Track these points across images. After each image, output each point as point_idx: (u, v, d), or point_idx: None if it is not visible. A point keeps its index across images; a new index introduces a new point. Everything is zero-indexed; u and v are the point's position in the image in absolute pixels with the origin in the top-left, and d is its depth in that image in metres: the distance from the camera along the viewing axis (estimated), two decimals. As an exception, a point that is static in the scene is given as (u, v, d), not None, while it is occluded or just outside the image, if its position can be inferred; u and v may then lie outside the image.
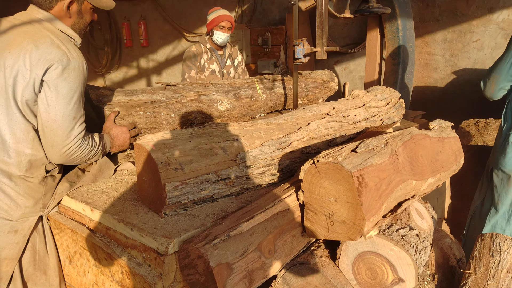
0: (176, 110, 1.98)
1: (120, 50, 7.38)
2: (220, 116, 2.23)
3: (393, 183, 1.18)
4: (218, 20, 3.25)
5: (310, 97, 2.89)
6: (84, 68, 1.46)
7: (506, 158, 2.27)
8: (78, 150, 1.46)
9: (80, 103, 1.46)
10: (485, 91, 2.33)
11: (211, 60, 3.36)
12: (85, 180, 1.56)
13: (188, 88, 2.15)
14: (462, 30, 4.26)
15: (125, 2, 6.94)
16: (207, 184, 1.32)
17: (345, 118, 1.85)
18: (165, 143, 1.31)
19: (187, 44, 6.52)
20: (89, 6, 1.57)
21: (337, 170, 1.07)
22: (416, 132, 1.37)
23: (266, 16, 5.56)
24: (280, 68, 5.05)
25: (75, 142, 1.43)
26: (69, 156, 1.44)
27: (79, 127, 1.45)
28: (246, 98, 2.42)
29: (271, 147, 1.50)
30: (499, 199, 2.33)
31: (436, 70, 4.52)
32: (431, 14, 4.39)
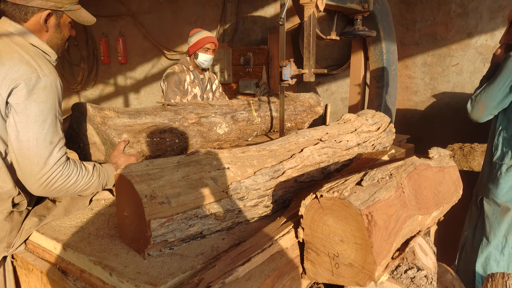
0: (180, 135, 1.92)
1: (96, 67, 7.18)
2: (218, 139, 2.17)
3: (401, 219, 1.09)
4: (203, 42, 3.13)
5: (298, 121, 2.82)
6: (57, 86, 1.31)
7: (498, 189, 2.24)
8: (60, 179, 1.29)
9: (57, 125, 1.30)
10: (471, 114, 2.31)
11: (194, 83, 3.21)
12: (56, 213, 1.40)
13: (189, 109, 2.08)
14: (441, 54, 4.34)
15: (103, 18, 6.80)
16: (196, 220, 1.19)
17: (338, 144, 1.77)
18: (150, 174, 1.18)
19: (167, 62, 6.41)
20: (68, 20, 1.44)
21: (344, 207, 0.97)
22: (419, 162, 1.29)
23: (248, 35, 5.53)
24: (262, 88, 5.00)
25: (55, 169, 1.27)
26: (50, 186, 1.27)
27: (58, 152, 1.29)
28: (243, 121, 2.37)
29: (265, 176, 1.39)
30: (491, 230, 2.29)
31: (416, 93, 4.57)
32: (411, 37, 4.46)
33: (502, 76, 2.13)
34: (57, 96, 1.30)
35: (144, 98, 6.87)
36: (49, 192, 1.30)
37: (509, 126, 2.23)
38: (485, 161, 2.44)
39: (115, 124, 1.67)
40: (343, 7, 2.70)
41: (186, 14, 6.08)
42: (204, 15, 5.90)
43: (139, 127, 1.76)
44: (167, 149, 1.85)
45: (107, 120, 1.65)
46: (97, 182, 1.43)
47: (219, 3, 5.72)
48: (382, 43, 3.12)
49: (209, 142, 2.15)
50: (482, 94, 2.22)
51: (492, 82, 2.17)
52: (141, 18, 6.52)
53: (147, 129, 1.78)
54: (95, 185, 1.43)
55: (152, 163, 1.24)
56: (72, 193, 1.36)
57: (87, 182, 1.38)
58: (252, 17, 5.50)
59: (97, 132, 1.63)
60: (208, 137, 2.11)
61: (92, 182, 1.40)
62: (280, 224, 1.23)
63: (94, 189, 1.44)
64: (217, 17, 5.77)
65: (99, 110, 1.67)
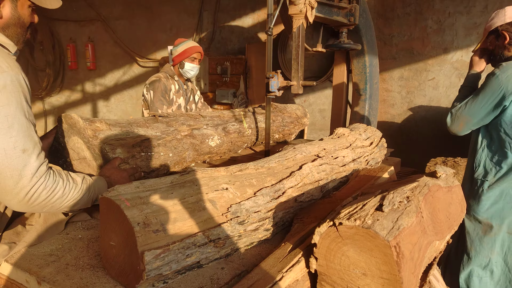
0: (174, 148, 1.80)
1: (63, 73, 6.84)
2: (210, 152, 2.08)
3: (423, 247, 1.00)
4: (190, 52, 3.03)
5: (286, 132, 2.73)
6: (21, 82, 1.12)
7: (480, 206, 2.22)
8: (44, 192, 1.12)
9: (28, 129, 1.12)
10: (451, 127, 2.28)
11: (178, 93, 3.09)
12: (29, 240, 1.22)
13: (180, 120, 1.97)
14: (418, 68, 4.40)
15: (71, 23, 6.50)
16: (194, 249, 1.06)
17: (335, 160, 1.69)
18: (142, 197, 1.04)
19: (140, 69, 6.19)
20: (27, 3, 1.24)
21: (369, 237, 0.87)
22: (431, 183, 1.22)
23: (225, 45, 5.43)
24: (240, 98, 4.89)
25: (36, 181, 1.10)
26: (32, 201, 1.10)
27: (36, 161, 1.11)
28: (234, 133, 2.28)
29: (265, 197, 1.27)
30: (472, 246, 2.27)
31: (393, 106, 4.61)
32: (389, 52, 4.50)
33: (485, 93, 2.10)
34: (22, 94, 1.12)
35: (115, 105, 6.60)
36: (32, 208, 1.13)
37: (492, 143, 2.22)
38: (466, 176, 2.42)
39: (107, 137, 1.52)
40: (330, 19, 2.65)
41: (160, 21, 5.91)
42: (180, 23, 5.76)
43: (133, 141, 1.61)
44: (161, 163, 1.72)
45: (99, 133, 1.49)
46: (87, 197, 1.27)
47: (195, 12, 5.59)
48: (365, 56, 3.10)
49: (200, 155, 2.03)
50: (463, 110, 2.19)
51: (474, 98, 2.14)
52: (112, 24, 6.28)
53: (141, 142, 1.64)
54: (84, 200, 1.27)
55: (143, 185, 1.10)
56: (58, 208, 1.19)
57: (75, 196, 1.22)
58: (229, 27, 5.41)
59: (88, 147, 1.47)
60: (200, 150, 2.01)
61: (81, 197, 1.24)
62: (286, 252, 1.11)
63: (83, 204, 1.28)
64: (193, 26, 5.64)
65: (90, 122, 1.51)
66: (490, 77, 2.11)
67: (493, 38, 2.23)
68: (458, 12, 4.06)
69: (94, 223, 1.42)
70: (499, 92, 2.04)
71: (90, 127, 1.52)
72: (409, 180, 1.25)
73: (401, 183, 1.27)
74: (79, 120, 1.52)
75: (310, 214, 1.35)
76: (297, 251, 1.10)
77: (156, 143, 1.74)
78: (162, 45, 5.89)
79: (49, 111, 7.20)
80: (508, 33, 2.14)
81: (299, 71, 2.35)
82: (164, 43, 5.84)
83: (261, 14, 5.14)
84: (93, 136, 1.50)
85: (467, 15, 4.03)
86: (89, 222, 1.42)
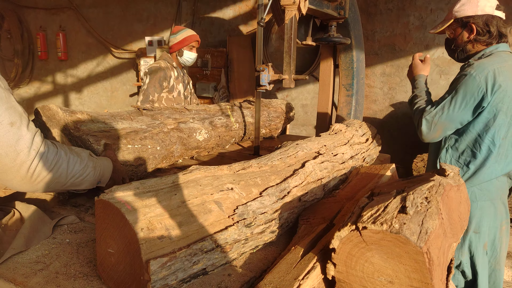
0: (161, 141, 1.71)
1: (32, 63, 6.50)
2: (197, 147, 1.99)
3: (445, 251, 0.95)
4: (189, 40, 3.09)
5: (272, 127, 2.66)
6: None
7: None
8: (46, 164, 1.02)
9: (9, 99, 1.00)
10: (427, 136, 2.00)
11: (177, 80, 3.10)
12: (16, 246, 1.09)
13: (165, 114, 1.88)
14: (400, 65, 4.43)
15: (41, 10, 6.17)
16: (201, 255, 0.97)
17: (335, 157, 1.63)
18: (144, 199, 0.94)
19: (115, 60, 5.95)
20: None
21: (398, 243, 0.81)
22: (445, 182, 1.18)
23: (205, 37, 5.29)
24: (221, 92, 4.78)
25: (35, 154, 1.00)
26: (36, 176, 1.01)
27: (27, 133, 1.00)
28: (221, 127, 2.20)
29: (271, 197, 1.20)
30: None
31: (375, 102, 4.62)
32: (371, 47, 4.51)
33: (465, 96, 1.87)
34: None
35: (88, 98, 6.33)
36: (37, 185, 1.03)
37: (458, 143, 2.05)
38: None
39: (90, 129, 1.40)
40: (320, 11, 2.58)
41: (136, 10, 5.69)
42: (157, 12, 5.56)
43: (118, 133, 1.50)
44: (149, 157, 1.61)
45: (81, 125, 1.37)
46: (93, 174, 1.18)
47: (173, 1, 5.41)
48: (353, 51, 3.06)
49: (188, 150, 1.94)
50: (441, 116, 1.94)
51: (452, 102, 1.90)
52: (85, 12, 6.00)
53: (126, 135, 1.53)
54: (91, 178, 1.17)
55: (143, 185, 1.00)
56: (63, 185, 1.10)
57: (80, 171, 1.12)
58: (209, 18, 5.26)
59: (69, 139, 1.35)
60: (188, 144, 1.91)
61: (87, 173, 1.15)
62: (299, 256, 1.04)
63: (89, 183, 1.18)
64: (171, 16, 5.46)
65: (70, 113, 1.38)
66: (465, 78, 1.88)
67: (457, 27, 2.00)
68: (440, 8, 4.09)
69: (82, 225, 1.30)
70: (478, 93, 1.85)
71: (71, 118, 1.41)
72: (420, 179, 1.21)
73: (412, 182, 1.22)
74: (58, 111, 1.40)
75: (316, 215, 1.29)
76: (310, 255, 1.03)
77: (142, 135, 1.64)
78: (138, 35, 5.68)
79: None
80: (476, 26, 1.93)
81: (291, 64, 2.28)
82: (141, 33, 5.64)
83: (243, 6, 5.03)
84: (74, 128, 1.39)
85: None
86: (76, 224, 1.30)
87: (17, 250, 1.08)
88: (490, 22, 1.91)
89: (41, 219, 1.20)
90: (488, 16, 1.91)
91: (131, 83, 5.87)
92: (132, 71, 5.86)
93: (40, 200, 1.50)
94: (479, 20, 1.92)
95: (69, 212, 1.40)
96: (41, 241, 1.16)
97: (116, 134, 1.52)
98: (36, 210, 1.23)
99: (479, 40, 1.96)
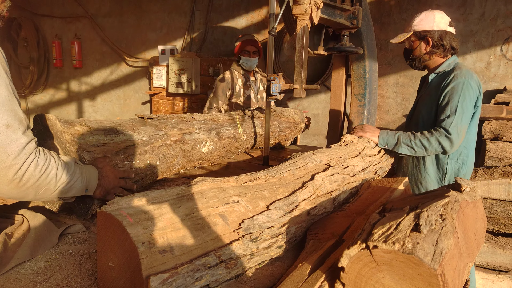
0: (162, 155, 1.66)
1: (47, 70, 6.60)
2: (201, 158, 1.95)
3: (461, 272, 0.90)
4: (242, 46, 3.36)
5: (282, 138, 2.62)
6: (1, 57, 1.02)
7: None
8: (35, 171, 1.01)
9: (11, 103, 1.00)
10: (457, 142, 2.04)
11: (246, 85, 3.39)
12: (21, 256, 1.07)
13: (171, 123, 1.84)
14: (413, 75, 4.36)
15: (57, 19, 6.29)
16: (204, 271, 0.93)
17: (345, 170, 1.59)
18: (146, 212, 0.91)
19: (128, 69, 6.01)
20: None
21: (411, 264, 0.77)
22: (461, 198, 1.13)
23: (217, 46, 5.31)
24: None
25: (25, 158, 0.99)
26: (25, 181, 1.00)
27: (22, 137, 1.00)
28: (228, 138, 2.15)
29: (279, 211, 1.16)
30: None
31: (388, 112, 4.56)
32: (384, 57, 4.46)
33: (466, 100, 2.03)
34: (2, 68, 1.01)
35: (101, 106, 6.39)
36: (24, 190, 1.02)
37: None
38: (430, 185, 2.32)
39: (87, 142, 1.37)
40: (332, 21, 2.56)
41: (150, 19, 5.75)
42: (170, 22, 5.61)
43: (116, 147, 1.46)
44: (147, 172, 1.57)
45: (78, 138, 1.35)
46: (80, 182, 1.17)
47: (187, 11, 5.46)
48: (365, 61, 3.03)
49: (190, 162, 1.90)
50: (461, 120, 2.04)
51: (462, 107, 2.02)
52: (99, 21, 6.09)
53: (125, 149, 1.49)
54: (78, 185, 1.16)
55: (147, 197, 0.97)
56: (52, 192, 1.09)
57: (69, 178, 1.11)
58: (222, 28, 5.29)
59: (65, 153, 1.32)
60: (191, 156, 1.86)
61: (75, 180, 1.14)
62: (306, 274, 1.00)
63: (77, 190, 1.17)
64: (184, 25, 5.50)
65: (68, 125, 1.36)
66: (463, 85, 2.05)
67: (416, 39, 2.26)
68: (455, 19, 4.02)
69: (86, 236, 1.28)
70: (474, 95, 2.07)
71: (69, 130, 1.37)
72: (435, 195, 1.16)
73: (426, 197, 1.17)
74: (56, 122, 1.36)
75: (325, 230, 1.24)
76: (318, 273, 0.99)
77: (142, 149, 1.60)
78: (152, 44, 5.73)
79: (32, 110, 6.94)
80: (432, 40, 2.18)
81: (302, 74, 2.25)
82: (154, 42, 5.69)
83: (255, 15, 5.04)
84: (71, 141, 1.35)
85: (463, 22, 4.00)
86: (81, 234, 1.28)
87: (21, 260, 1.07)
88: (444, 36, 2.17)
89: (47, 227, 1.18)
90: (442, 31, 2.17)
91: (143, 91, 5.91)
92: (145, 79, 5.90)
93: (46, 208, 1.49)
94: (435, 34, 2.18)
95: (75, 221, 1.38)
96: (47, 250, 1.14)
97: (115, 148, 1.47)
98: (42, 219, 1.21)
99: (435, 52, 2.22)
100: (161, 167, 1.66)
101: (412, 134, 2.06)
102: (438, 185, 2.29)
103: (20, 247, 1.10)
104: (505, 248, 2.72)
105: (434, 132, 2.03)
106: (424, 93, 2.34)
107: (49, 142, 1.35)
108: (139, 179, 1.54)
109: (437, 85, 2.21)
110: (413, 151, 2.05)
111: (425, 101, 2.28)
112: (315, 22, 2.21)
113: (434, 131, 2.03)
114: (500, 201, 2.76)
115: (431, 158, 2.27)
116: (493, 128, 3.19)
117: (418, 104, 2.38)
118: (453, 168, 2.24)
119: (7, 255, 1.07)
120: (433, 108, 2.19)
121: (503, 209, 2.75)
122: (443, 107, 2.07)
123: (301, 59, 2.24)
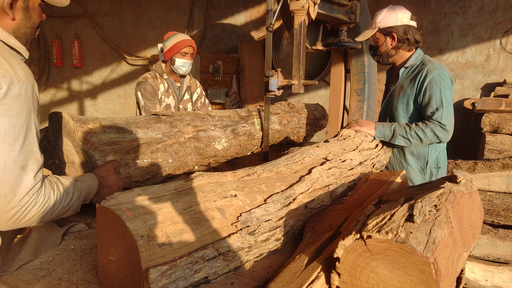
0: (174, 153, 1.65)
1: (48, 70, 6.63)
2: (215, 155, 1.94)
3: (455, 261, 0.92)
4: (180, 46, 2.78)
5: (301, 134, 2.62)
6: (34, 93, 1.04)
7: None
8: (34, 209, 1.02)
9: (32, 144, 1.02)
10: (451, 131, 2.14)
11: (167, 93, 2.86)
12: (24, 257, 1.09)
13: (186, 120, 1.82)
14: (413, 69, 4.36)
15: (57, 19, 6.30)
16: (203, 263, 0.95)
17: (343, 163, 1.60)
18: (145, 206, 0.93)
19: (128, 67, 6.03)
20: (38, 2, 1.14)
21: (404, 253, 0.78)
22: (456, 189, 1.14)
23: (217, 43, 5.32)
24: (232, 98, 4.79)
25: (27, 200, 0.99)
26: (20, 219, 1.00)
27: (32, 179, 1.01)
28: (244, 135, 2.14)
29: (276, 204, 1.18)
30: None
31: (388, 107, 4.56)
32: (384, 52, 4.45)
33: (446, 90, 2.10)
34: (33, 106, 1.03)
35: (102, 105, 6.42)
36: (19, 225, 1.03)
37: None
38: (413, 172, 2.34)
39: (99, 141, 1.39)
40: (330, 16, 2.57)
41: (149, 18, 5.76)
42: (170, 20, 5.62)
43: (128, 146, 1.47)
44: (158, 171, 1.58)
45: (91, 136, 1.37)
46: (77, 203, 1.18)
47: (186, 8, 5.46)
48: (364, 56, 3.03)
49: (205, 159, 1.90)
50: (449, 111, 2.12)
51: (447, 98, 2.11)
52: (99, 20, 6.10)
53: (137, 147, 1.50)
54: (74, 207, 1.18)
55: (145, 192, 0.99)
56: (47, 220, 1.10)
57: (65, 206, 1.13)
58: (221, 25, 5.29)
59: (77, 151, 1.34)
60: (205, 153, 1.86)
61: (71, 205, 1.15)
62: (303, 265, 1.01)
63: (72, 211, 1.19)
64: (183, 23, 5.51)
65: (81, 123, 1.37)
66: (440, 78, 2.11)
67: (381, 36, 2.31)
68: (454, 12, 4.03)
69: (87, 232, 1.30)
70: (450, 85, 2.15)
71: (82, 129, 1.39)
72: (430, 186, 1.17)
73: (421, 189, 1.19)
74: (70, 120, 1.39)
75: (322, 222, 1.26)
76: (315, 264, 1.00)
77: (155, 147, 1.61)
78: (151, 42, 5.74)
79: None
80: (397, 35, 2.23)
81: (300, 69, 2.26)
82: (154, 40, 5.70)
83: (254, 12, 5.05)
84: (83, 140, 1.37)
85: (463, 16, 4.00)
86: (85, 232, 1.30)
87: (24, 261, 1.09)
88: (408, 31, 2.23)
89: (49, 227, 1.20)
90: (405, 26, 2.23)
91: (144, 90, 5.92)
92: (145, 78, 5.91)
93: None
94: (399, 29, 2.23)
95: (77, 219, 1.40)
96: (49, 249, 1.16)
97: (126, 146, 1.49)
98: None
99: (400, 46, 2.27)
100: (173, 165, 1.67)
101: (407, 126, 2.10)
102: (420, 174, 2.33)
103: (22, 248, 1.12)
104: (505, 240, 2.73)
105: (428, 123, 2.07)
106: (396, 87, 2.33)
107: (64, 139, 1.37)
108: (150, 178, 1.55)
109: (409, 79, 2.24)
110: (409, 142, 2.08)
111: (399, 96, 2.29)
112: (313, 18, 2.22)
113: (428, 123, 2.07)
114: (499, 194, 2.77)
115: (410, 150, 2.31)
116: (492, 121, 3.20)
117: (390, 99, 2.38)
118: (432, 156, 2.29)
119: (10, 256, 1.09)
120: (410, 102, 2.22)
121: (503, 201, 2.76)
122: (428, 102, 2.11)
123: (299, 55, 2.25)
